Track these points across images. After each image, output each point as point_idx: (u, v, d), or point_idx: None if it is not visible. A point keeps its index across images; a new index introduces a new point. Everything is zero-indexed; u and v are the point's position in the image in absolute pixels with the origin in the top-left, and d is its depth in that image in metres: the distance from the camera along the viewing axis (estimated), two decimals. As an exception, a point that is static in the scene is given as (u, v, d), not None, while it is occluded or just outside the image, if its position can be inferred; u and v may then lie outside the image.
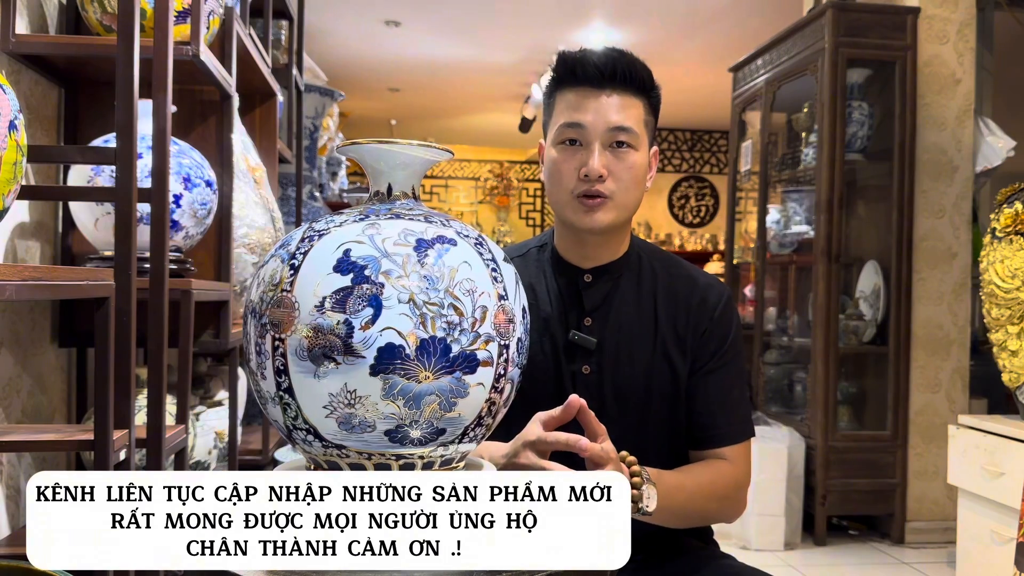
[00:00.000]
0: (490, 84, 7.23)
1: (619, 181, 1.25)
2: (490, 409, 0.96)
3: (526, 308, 1.00)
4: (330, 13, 5.37)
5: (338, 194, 4.27)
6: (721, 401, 1.31)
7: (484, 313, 0.92)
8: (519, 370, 0.98)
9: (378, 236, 0.92)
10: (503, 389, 0.96)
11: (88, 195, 1.65)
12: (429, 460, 0.95)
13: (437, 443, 0.94)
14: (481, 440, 0.98)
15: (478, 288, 0.92)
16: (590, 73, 1.25)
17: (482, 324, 0.92)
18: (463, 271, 0.92)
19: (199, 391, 2.05)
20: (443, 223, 0.97)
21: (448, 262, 0.92)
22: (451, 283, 0.91)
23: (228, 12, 1.94)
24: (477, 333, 0.91)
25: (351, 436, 0.91)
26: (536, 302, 1.33)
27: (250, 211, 1.99)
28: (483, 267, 0.95)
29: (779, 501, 3.28)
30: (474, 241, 0.97)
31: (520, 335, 0.97)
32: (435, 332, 0.89)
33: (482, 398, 0.93)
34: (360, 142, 1.00)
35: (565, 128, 1.26)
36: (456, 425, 0.93)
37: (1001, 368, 2.30)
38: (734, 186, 4.41)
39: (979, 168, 3.44)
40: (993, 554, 2.38)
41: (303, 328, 0.89)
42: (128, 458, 1.36)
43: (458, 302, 0.91)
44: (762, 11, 5.18)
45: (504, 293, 0.96)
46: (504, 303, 0.95)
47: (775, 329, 4.10)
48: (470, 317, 0.91)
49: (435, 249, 0.92)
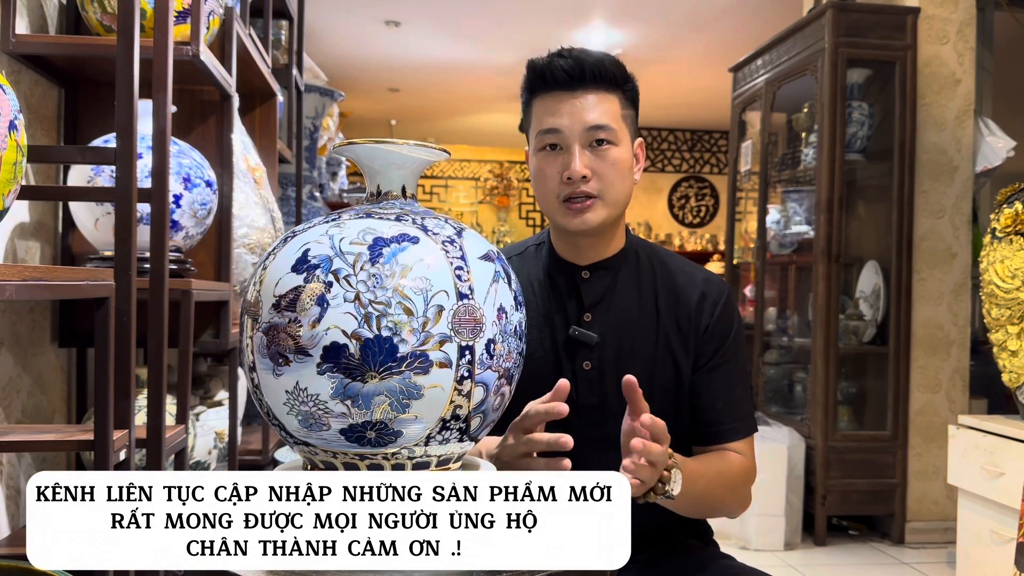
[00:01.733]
0: (490, 84, 7.23)
1: (603, 179, 1.25)
2: (457, 413, 0.92)
3: (510, 308, 0.96)
4: (330, 13, 5.37)
5: (338, 194, 4.27)
6: (726, 397, 1.31)
7: (439, 312, 0.89)
8: (498, 373, 0.94)
9: (338, 236, 0.92)
10: (471, 393, 0.92)
11: (88, 195, 1.65)
12: (421, 461, 0.95)
13: (398, 445, 0.92)
14: (468, 441, 0.97)
15: (433, 287, 0.89)
16: (559, 77, 1.25)
17: (436, 324, 0.89)
18: (417, 269, 0.90)
19: (199, 391, 2.05)
20: (417, 221, 0.95)
21: (402, 260, 0.90)
22: (401, 281, 0.89)
23: (228, 12, 1.94)
24: (429, 333, 0.88)
25: (312, 434, 0.92)
26: (535, 299, 1.33)
27: (250, 211, 1.99)
28: (444, 265, 0.91)
29: (779, 501, 3.28)
30: (444, 239, 0.94)
31: (493, 336, 0.93)
32: (380, 331, 0.87)
33: (442, 401, 0.90)
34: (356, 142, 1.00)
35: (543, 134, 1.27)
36: (416, 428, 0.91)
37: (1001, 368, 2.30)
38: (734, 186, 4.41)
39: (979, 168, 3.44)
40: (993, 554, 2.38)
41: (263, 326, 0.91)
42: (128, 458, 1.36)
43: (407, 301, 0.88)
44: (762, 11, 5.18)
45: (468, 292, 0.91)
46: (467, 302, 0.91)
47: (775, 329, 4.10)
48: (421, 316, 0.88)
49: (391, 248, 0.91)
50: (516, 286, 1.00)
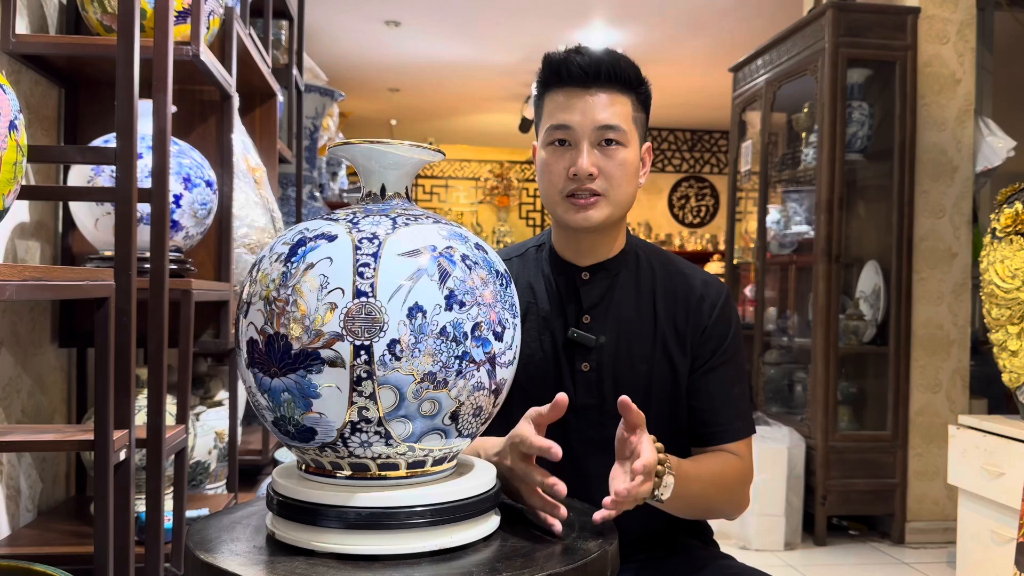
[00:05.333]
0: (490, 84, 7.22)
1: (610, 179, 1.26)
2: (366, 416, 0.89)
3: (435, 307, 0.89)
4: (330, 13, 5.37)
5: (338, 194, 4.27)
6: (724, 398, 1.31)
7: (331, 310, 0.87)
8: (416, 377, 0.88)
9: (281, 237, 0.97)
10: (376, 395, 0.88)
11: (88, 195, 1.65)
12: (415, 460, 0.95)
13: (314, 443, 0.93)
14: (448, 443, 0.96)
15: (330, 284, 0.88)
16: (575, 73, 1.25)
17: (326, 322, 0.87)
18: (320, 267, 0.89)
19: (199, 391, 2.05)
20: (351, 220, 0.95)
21: (309, 259, 0.90)
22: (302, 280, 0.89)
23: (228, 12, 1.93)
24: (319, 331, 0.87)
25: (267, 423, 0.97)
26: (535, 300, 1.34)
27: (250, 211, 1.99)
28: (348, 262, 0.89)
29: (779, 501, 3.28)
30: (364, 237, 0.92)
31: (401, 336, 0.87)
32: (279, 329, 0.89)
33: (342, 401, 0.89)
34: (352, 142, 1.00)
35: (553, 130, 1.27)
36: (326, 427, 0.91)
37: (1001, 368, 2.30)
38: (734, 186, 4.41)
39: (979, 168, 3.44)
40: (993, 554, 2.38)
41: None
42: (128, 458, 1.36)
43: (302, 299, 0.88)
44: (762, 11, 5.18)
45: (368, 290, 0.88)
46: (365, 300, 0.87)
47: (775, 329, 4.10)
48: (312, 314, 0.88)
49: (307, 246, 0.92)
50: (465, 284, 0.92)
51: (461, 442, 0.99)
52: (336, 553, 0.92)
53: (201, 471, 1.97)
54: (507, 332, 0.97)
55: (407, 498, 0.93)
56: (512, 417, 1.13)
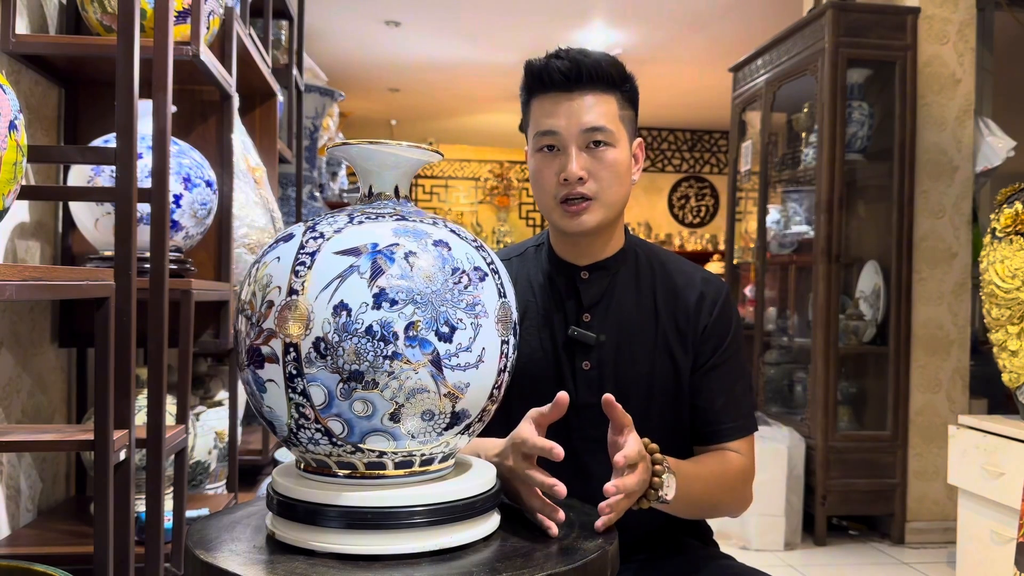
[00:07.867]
0: (490, 84, 7.22)
1: (600, 180, 1.26)
2: (302, 412, 0.91)
3: (360, 306, 0.88)
4: (330, 13, 5.37)
5: (338, 194, 4.27)
6: (725, 397, 1.31)
7: (269, 308, 0.91)
8: (341, 376, 0.88)
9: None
10: (308, 393, 0.89)
11: (88, 195, 1.65)
12: (406, 460, 0.95)
13: (280, 436, 0.97)
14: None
15: (273, 283, 0.92)
16: (556, 78, 1.25)
17: (266, 319, 0.91)
18: (270, 267, 0.94)
19: (199, 391, 2.05)
20: (328, 220, 0.97)
21: (265, 259, 0.96)
22: (255, 278, 0.95)
23: (228, 12, 1.93)
24: (260, 328, 0.92)
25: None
26: (535, 299, 1.34)
27: (250, 211, 1.99)
28: (289, 261, 0.92)
29: (779, 501, 3.28)
30: (312, 236, 0.94)
31: (325, 335, 0.87)
32: (240, 326, 0.95)
33: (281, 397, 0.92)
34: (350, 143, 1.01)
35: (541, 136, 1.27)
36: (279, 422, 0.94)
37: (1001, 368, 2.30)
38: (734, 186, 4.41)
39: (979, 168, 3.43)
40: (993, 554, 2.38)
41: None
42: (128, 458, 1.36)
43: (254, 297, 0.93)
44: (762, 11, 5.18)
45: (299, 288, 0.90)
46: (295, 298, 0.89)
47: (775, 329, 4.10)
48: (257, 312, 0.92)
49: (270, 247, 0.98)
50: (402, 282, 0.89)
51: (433, 443, 0.95)
52: (336, 553, 0.92)
53: (201, 471, 1.97)
54: (460, 332, 0.91)
55: (407, 498, 0.93)
56: (512, 417, 1.12)
